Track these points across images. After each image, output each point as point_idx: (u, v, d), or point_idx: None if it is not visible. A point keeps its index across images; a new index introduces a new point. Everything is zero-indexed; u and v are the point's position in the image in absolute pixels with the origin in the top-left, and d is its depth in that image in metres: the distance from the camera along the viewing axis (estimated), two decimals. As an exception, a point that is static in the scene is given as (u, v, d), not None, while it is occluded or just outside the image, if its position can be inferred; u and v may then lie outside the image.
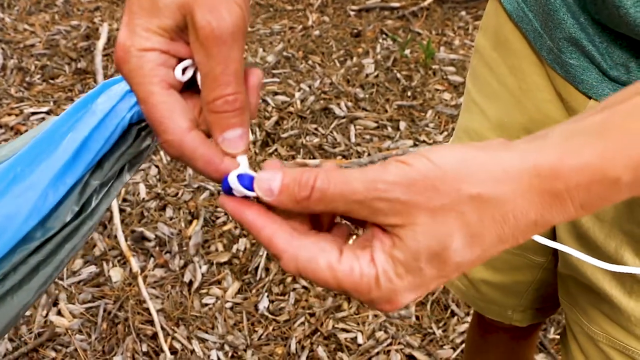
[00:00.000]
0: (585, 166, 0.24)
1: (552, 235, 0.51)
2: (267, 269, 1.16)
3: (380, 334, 1.07)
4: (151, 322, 1.07)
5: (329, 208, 0.25)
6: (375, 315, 1.10)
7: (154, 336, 1.06)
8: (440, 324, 1.09)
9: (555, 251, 0.54)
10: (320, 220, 0.28)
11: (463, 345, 1.03)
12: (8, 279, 0.28)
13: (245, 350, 1.05)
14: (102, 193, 0.30)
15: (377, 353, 1.05)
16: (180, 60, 0.28)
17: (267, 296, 1.12)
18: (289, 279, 1.15)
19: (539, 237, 0.30)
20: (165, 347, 1.04)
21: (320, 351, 1.05)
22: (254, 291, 1.13)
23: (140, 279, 1.13)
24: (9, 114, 1.47)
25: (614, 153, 0.24)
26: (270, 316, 1.09)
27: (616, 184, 0.24)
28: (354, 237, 0.28)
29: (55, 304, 1.10)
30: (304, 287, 1.14)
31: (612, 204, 0.29)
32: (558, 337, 1.07)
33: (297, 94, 1.54)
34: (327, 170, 0.25)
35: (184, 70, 0.28)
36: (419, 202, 0.24)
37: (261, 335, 1.07)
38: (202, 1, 0.25)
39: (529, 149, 0.24)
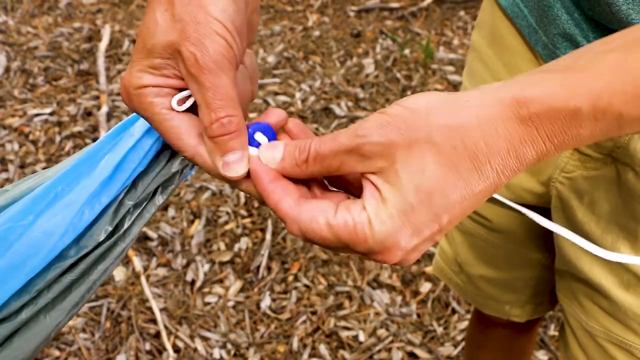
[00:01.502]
0: (546, 94, 0.25)
1: (548, 231, 0.52)
2: (269, 268, 1.17)
3: (381, 332, 1.08)
4: (154, 321, 1.08)
5: (324, 167, 0.27)
6: (377, 314, 1.10)
7: (157, 335, 1.07)
8: (441, 322, 1.10)
9: (552, 247, 0.54)
10: (313, 190, 0.30)
11: (464, 342, 1.03)
12: (41, 297, 0.29)
13: (247, 349, 1.05)
14: (135, 214, 0.31)
15: (379, 351, 1.05)
16: (176, 89, 0.30)
17: (269, 294, 1.13)
18: (290, 278, 1.16)
19: (540, 218, 0.30)
20: (168, 346, 1.05)
21: (322, 349, 1.05)
22: (256, 290, 1.14)
23: (143, 278, 1.13)
24: (13, 116, 1.48)
25: (575, 85, 0.25)
26: (272, 314, 1.10)
27: (577, 115, 0.25)
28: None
29: (59, 303, 1.11)
30: (305, 285, 1.15)
31: (607, 199, 0.29)
32: (558, 334, 1.08)
33: (298, 94, 1.54)
34: (319, 136, 0.28)
35: (182, 101, 0.30)
36: (394, 139, 0.26)
37: (263, 333, 1.07)
38: (187, 37, 0.27)
39: (492, 86, 0.26)
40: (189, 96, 0.29)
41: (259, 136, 0.29)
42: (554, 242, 0.50)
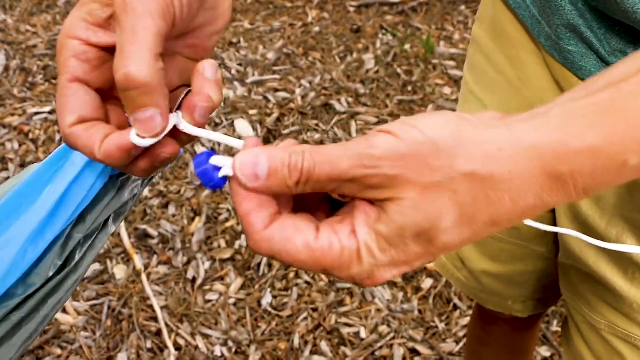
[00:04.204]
0: (590, 150, 0.22)
1: (553, 223, 0.51)
2: (269, 265, 1.17)
3: (383, 328, 1.07)
4: (155, 319, 1.08)
5: (316, 189, 0.24)
6: (378, 310, 1.10)
7: (158, 333, 1.06)
8: (443, 318, 1.09)
9: (556, 240, 0.54)
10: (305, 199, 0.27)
11: (466, 338, 1.03)
12: None
13: (249, 346, 1.05)
14: (86, 246, 0.29)
15: (380, 347, 1.05)
16: (103, 50, 0.27)
17: (270, 292, 1.12)
18: (291, 275, 1.16)
19: (538, 224, 0.29)
20: (170, 344, 1.04)
21: (324, 346, 1.05)
22: (257, 287, 1.13)
23: (144, 276, 1.13)
24: (12, 114, 1.48)
25: (621, 136, 0.22)
26: (273, 312, 1.10)
27: (623, 168, 0.23)
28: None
29: (60, 301, 1.10)
30: (306, 282, 1.15)
31: (613, 191, 0.27)
32: (561, 329, 1.07)
33: (298, 91, 1.54)
34: (311, 150, 0.24)
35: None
36: (409, 177, 0.23)
37: (264, 330, 1.07)
38: None
39: (526, 129, 0.23)
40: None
41: (217, 159, 0.24)
42: (558, 235, 0.50)
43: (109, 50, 0.27)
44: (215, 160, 0.25)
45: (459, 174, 0.23)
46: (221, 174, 0.25)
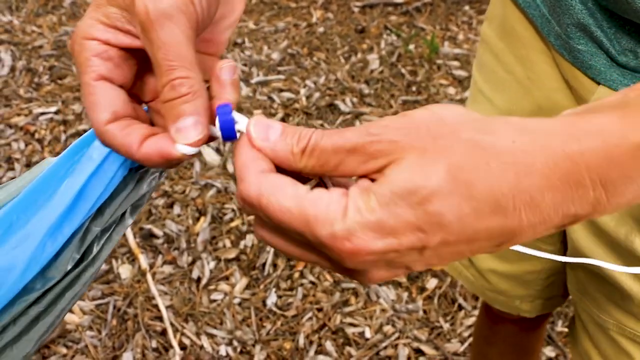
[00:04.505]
0: (600, 129, 0.21)
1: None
2: (274, 265, 1.17)
3: (387, 328, 1.07)
4: (160, 319, 1.08)
5: (319, 163, 0.24)
6: (383, 310, 1.10)
7: (163, 332, 1.07)
8: (448, 318, 1.09)
9: (564, 240, 0.54)
10: None
11: (471, 338, 1.03)
12: (8, 331, 0.28)
13: (253, 346, 1.05)
14: (103, 239, 0.29)
15: (385, 347, 1.05)
16: (123, 50, 0.27)
17: (275, 291, 1.13)
18: (296, 274, 1.16)
19: (543, 254, 0.27)
20: (175, 343, 1.05)
21: (328, 346, 1.05)
22: (261, 287, 1.14)
23: (149, 276, 1.13)
24: (19, 114, 1.48)
25: (632, 117, 0.21)
26: (278, 311, 1.10)
27: (639, 152, 0.21)
28: None
29: (66, 300, 1.11)
30: (311, 282, 1.15)
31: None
32: (566, 329, 1.07)
33: (303, 91, 1.54)
34: (323, 130, 0.25)
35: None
36: (410, 142, 0.22)
37: (269, 330, 1.07)
38: None
39: (536, 119, 0.23)
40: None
41: (238, 114, 0.26)
42: (567, 234, 0.50)
43: (128, 50, 0.27)
44: (236, 114, 0.26)
45: (459, 140, 0.22)
46: (237, 127, 0.26)
